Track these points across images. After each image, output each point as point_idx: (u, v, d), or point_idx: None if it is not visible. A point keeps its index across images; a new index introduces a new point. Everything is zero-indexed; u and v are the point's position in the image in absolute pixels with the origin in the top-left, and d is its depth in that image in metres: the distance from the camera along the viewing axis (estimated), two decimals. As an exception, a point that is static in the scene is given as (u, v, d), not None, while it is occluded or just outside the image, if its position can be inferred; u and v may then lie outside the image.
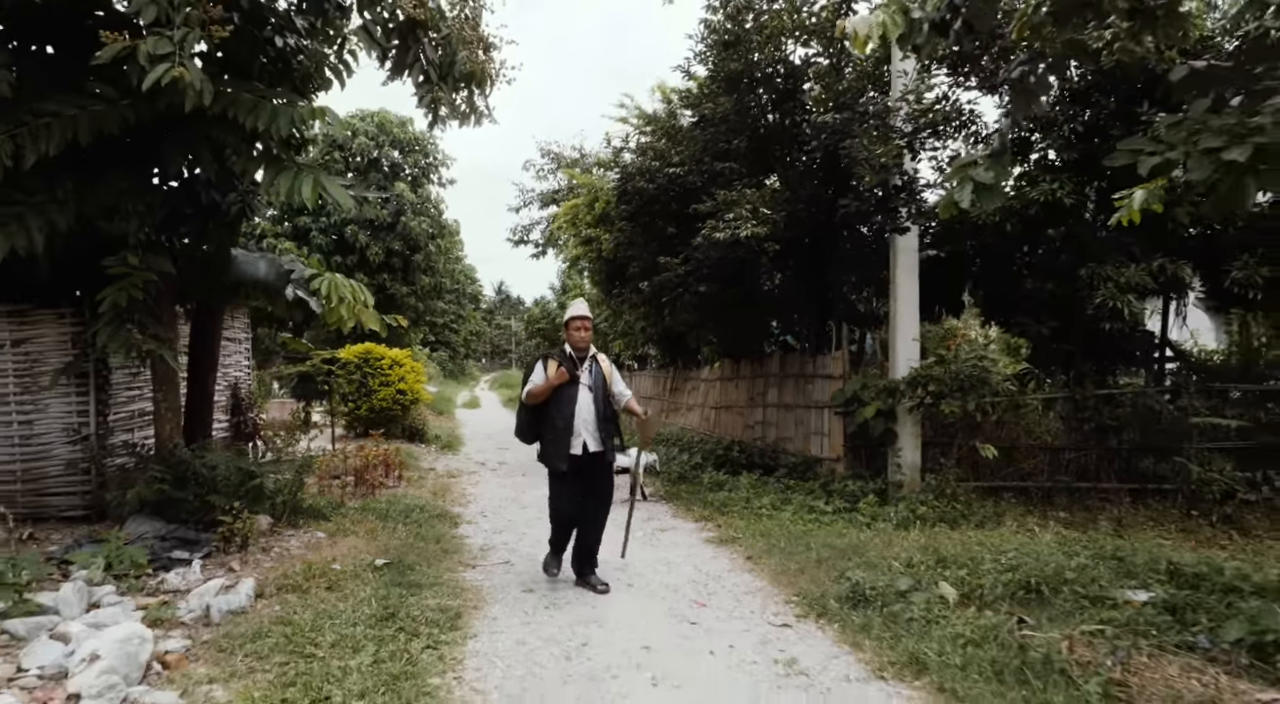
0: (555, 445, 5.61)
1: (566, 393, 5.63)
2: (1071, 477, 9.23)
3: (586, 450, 5.61)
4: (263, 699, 3.82)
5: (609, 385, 5.81)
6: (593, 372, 5.77)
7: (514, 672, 4.38)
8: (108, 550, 5.84)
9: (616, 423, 5.90)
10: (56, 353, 7.67)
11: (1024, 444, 9.42)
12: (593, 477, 5.73)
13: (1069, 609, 4.80)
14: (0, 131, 5.62)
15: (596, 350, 5.94)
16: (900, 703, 3.94)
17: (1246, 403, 9.51)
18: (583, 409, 5.63)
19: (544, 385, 5.62)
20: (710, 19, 9.57)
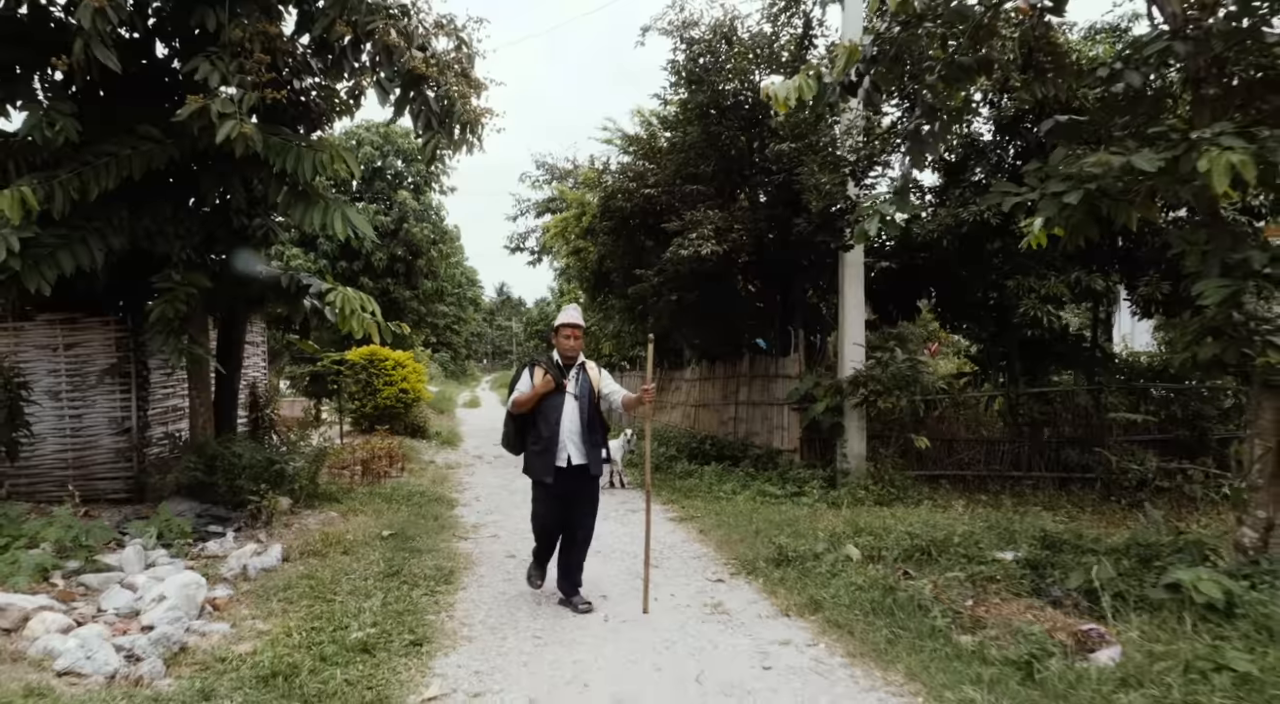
0: (540, 457, 5.39)
1: (553, 402, 5.40)
2: (1005, 466, 10.32)
3: (571, 463, 5.37)
4: (296, 629, 4.90)
5: (598, 392, 5.56)
6: (580, 381, 5.51)
7: (494, 612, 5.49)
8: (158, 522, 6.94)
9: (605, 434, 5.73)
10: (102, 355, 8.77)
11: (962, 437, 10.53)
12: (578, 490, 5.49)
13: (948, 565, 5.87)
14: (69, 171, 6.73)
15: (586, 357, 5.71)
16: (795, 631, 5.03)
17: (1165, 401, 10.59)
18: (568, 420, 5.39)
19: (529, 394, 5.41)
20: (676, 59, 10.71)
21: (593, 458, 5.49)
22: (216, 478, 8.00)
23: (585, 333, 6.15)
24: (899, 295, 12.57)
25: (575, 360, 5.58)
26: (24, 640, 4.69)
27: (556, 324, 5.63)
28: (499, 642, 4.92)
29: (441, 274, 32.04)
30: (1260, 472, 5.44)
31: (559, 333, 5.56)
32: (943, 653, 4.44)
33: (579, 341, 5.59)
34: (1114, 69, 5.64)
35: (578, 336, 5.56)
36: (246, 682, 4.11)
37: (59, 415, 8.68)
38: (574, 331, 5.53)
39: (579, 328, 5.58)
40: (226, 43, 6.66)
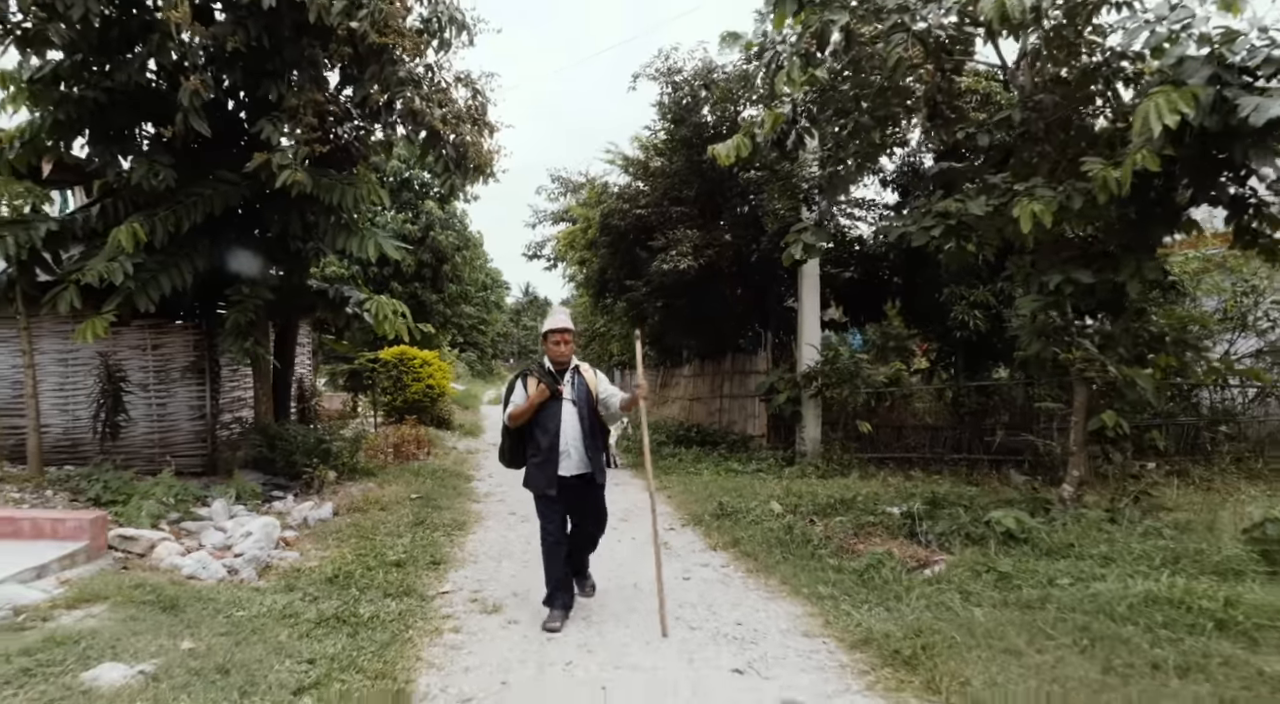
0: (542, 468, 5.16)
1: (549, 410, 5.17)
2: (947, 450, 11.90)
3: (574, 472, 5.16)
4: (347, 554, 6.68)
5: (595, 395, 5.32)
6: (575, 385, 5.27)
7: (494, 548, 7.26)
8: (235, 485, 8.78)
9: (606, 439, 5.53)
10: (182, 355, 10.67)
11: (910, 424, 12.14)
12: (583, 498, 5.29)
13: (848, 516, 7.55)
14: (166, 209, 8.59)
15: (579, 361, 5.46)
16: (715, 558, 6.76)
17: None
18: (568, 426, 5.16)
19: (525, 405, 5.18)
20: (663, 102, 12.44)
21: (595, 465, 5.25)
22: (276, 454, 9.86)
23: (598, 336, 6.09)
24: (865, 300, 14.21)
25: (568, 365, 5.32)
26: (154, 560, 6.52)
27: (544, 330, 5.36)
28: (495, 565, 6.69)
29: (465, 278, 33.94)
30: (1075, 441, 7.08)
31: (548, 339, 5.31)
32: (812, 567, 6.14)
33: (570, 346, 5.34)
34: (968, 132, 7.29)
35: (568, 341, 5.31)
36: (315, 581, 5.91)
37: (148, 404, 10.58)
38: (563, 336, 5.27)
39: (568, 332, 5.32)
40: (285, 108, 8.51)
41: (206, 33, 7.65)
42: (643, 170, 14.45)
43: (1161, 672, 4.10)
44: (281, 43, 8.34)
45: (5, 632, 4.55)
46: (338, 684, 4.05)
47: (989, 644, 4.45)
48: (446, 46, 9.36)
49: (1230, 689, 3.90)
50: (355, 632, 4.83)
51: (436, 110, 9.01)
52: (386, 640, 4.71)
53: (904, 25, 6.37)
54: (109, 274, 8.12)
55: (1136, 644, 4.37)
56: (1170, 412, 12.01)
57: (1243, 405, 12.22)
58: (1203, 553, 5.60)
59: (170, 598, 5.22)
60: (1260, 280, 11.75)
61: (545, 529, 5.29)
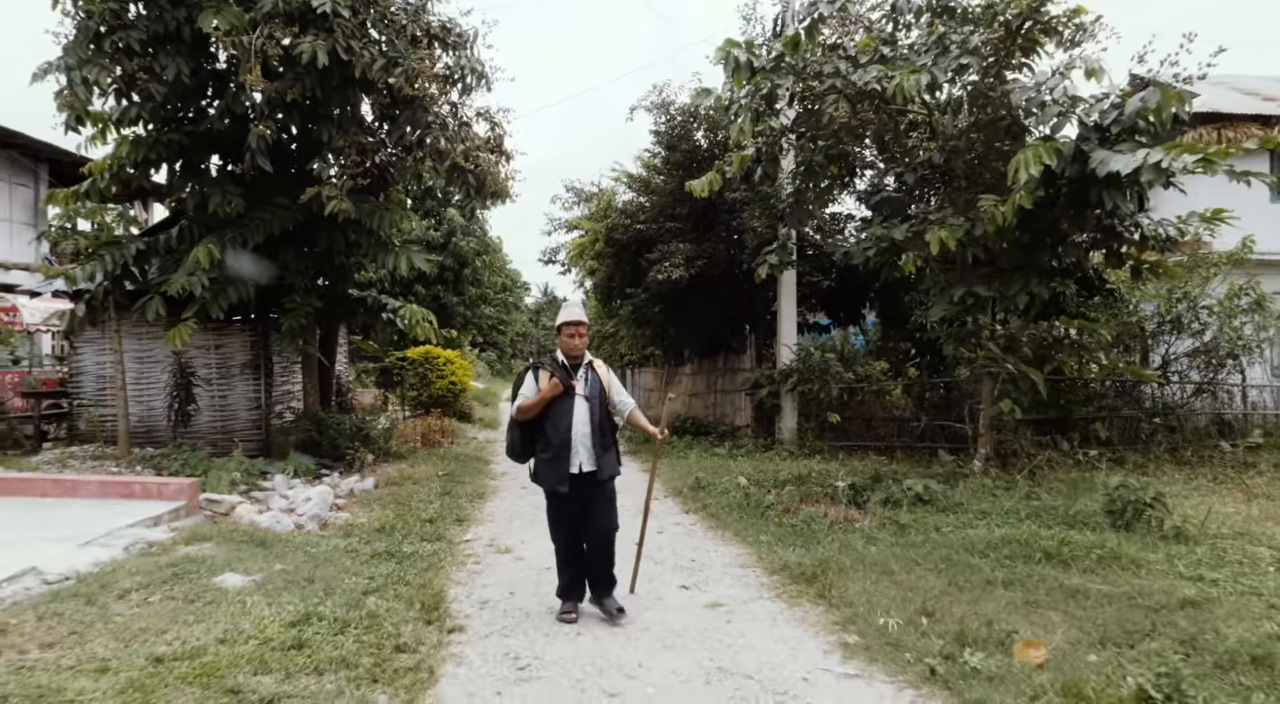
0: (552, 464, 5.09)
1: (561, 406, 5.09)
2: (912, 439, 13.35)
3: (583, 469, 5.09)
4: (390, 514, 8.28)
5: (608, 395, 5.27)
6: (589, 381, 5.19)
7: (507, 511, 8.86)
8: (291, 463, 10.44)
9: (615, 435, 5.40)
10: (241, 353, 12.36)
11: (880, 416, 13.62)
12: (593, 494, 5.18)
13: (801, 488, 9.07)
14: (233, 231, 10.25)
15: (593, 356, 5.37)
16: (686, 518, 8.32)
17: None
18: (579, 422, 5.09)
19: (536, 399, 5.10)
20: (658, 130, 14.02)
21: (605, 462, 5.16)
22: (323, 438, 11.51)
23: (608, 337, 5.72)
24: (845, 304, 15.72)
25: (581, 359, 5.23)
26: (235, 518, 8.15)
27: (559, 323, 5.25)
28: (507, 523, 8.29)
29: (485, 281, 35.64)
30: (982, 425, 8.57)
31: (561, 332, 5.21)
32: (759, 524, 7.69)
33: (584, 339, 5.26)
34: (896, 171, 8.80)
35: (582, 334, 5.22)
36: (366, 531, 7.52)
37: (211, 395, 12.28)
38: (577, 329, 5.18)
39: (582, 325, 5.24)
40: (333, 147, 10.15)
41: (271, 87, 9.28)
42: (644, 187, 16.01)
43: (991, 585, 5.62)
44: (330, 93, 9.97)
45: (147, 557, 6.19)
46: (391, 591, 5.64)
47: (872, 569, 5.99)
48: (468, 91, 10.98)
49: (1035, 595, 5.42)
50: (400, 562, 6.43)
51: (459, 146, 10.60)
52: (424, 567, 6.31)
53: (836, 88, 7.89)
54: (189, 286, 9.80)
55: (980, 568, 5.90)
56: (1114, 405, 13.43)
57: (1181, 400, 13.61)
58: (1060, 510, 7.10)
59: (259, 538, 6.87)
60: (1193, 288, 13.13)
61: (554, 527, 5.31)
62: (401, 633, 4.77)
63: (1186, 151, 6.41)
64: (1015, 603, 5.31)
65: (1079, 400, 13.34)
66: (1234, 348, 13.04)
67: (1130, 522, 6.98)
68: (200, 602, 5.12)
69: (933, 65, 7.34)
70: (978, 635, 4.69)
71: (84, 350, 12.52)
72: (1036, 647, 4.51)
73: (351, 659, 4.29)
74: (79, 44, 9.22)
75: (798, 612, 5.43)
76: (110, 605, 5.01)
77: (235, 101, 9.70)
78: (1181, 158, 6.35)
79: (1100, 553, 6.08)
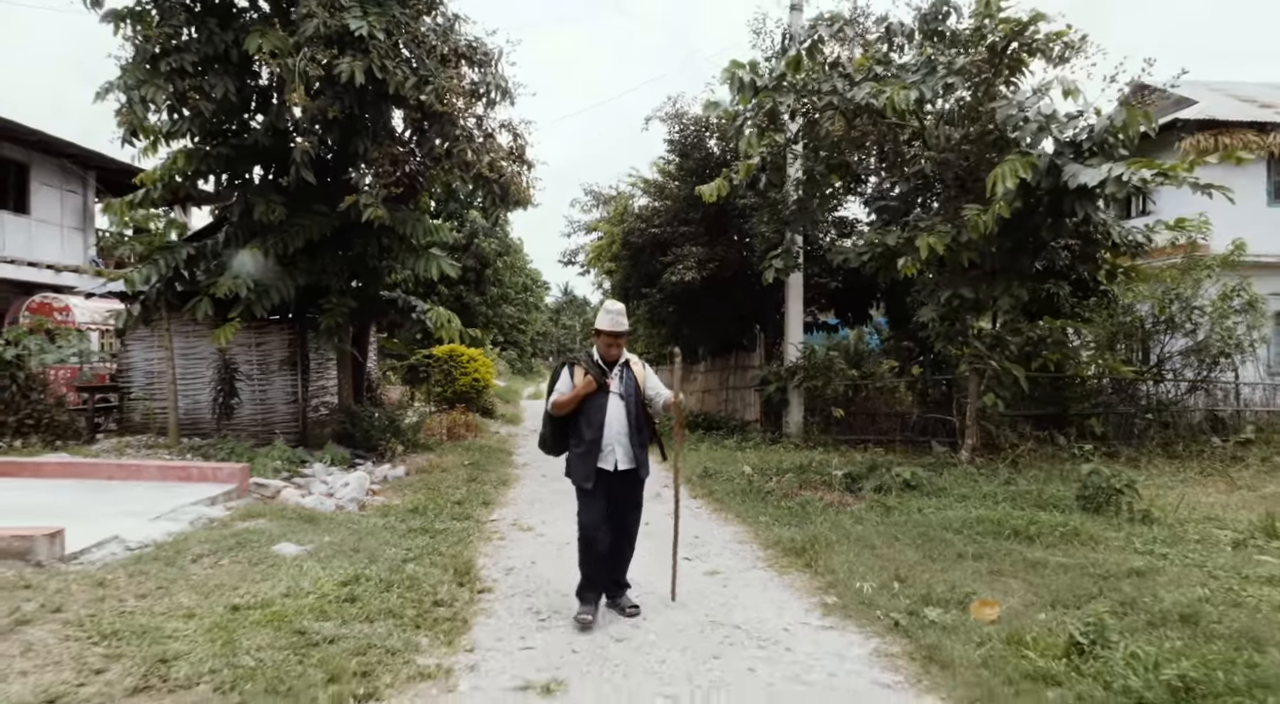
0: (583, 460, 5.11)
1: (595, 402, 5.10)
2: (914, 433, 13.97)
3: (618, 468, 5.10)
4: (422, 497, 9.03)
5: (643, 391, 5.27)
6: (624, 379, 5.19)
7: (528, 496, 9.60)
8: (328, 452, 11.24)
9: (652, 432, 5.44)
10: (279, 350, 13.18)
11: (883, 411, 14.24)
12: (625, 494, 5.25)
13: (801, 476, 9.73)
14: (275, 237, 11.04)
15: (629, 354, 5.35)
16: (694, 502, 9.01)
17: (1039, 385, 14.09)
18: (613, 420, 5.09)
19: (570, 395, 5.11)
20: (672, 139, 14.73)
21: (640, 460, 5.19)
22: (356, 429, 12.30)
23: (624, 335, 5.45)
24: (853, 304, 16.36)
25: (618, 359, 5.24)
26: (281, 500, 8.94)
27: (598, 328, 5.21)
28: (529, 506, 9.03)
29: (506, 281, 36.49)
30: (969, 418, 9.19)
31: (601, 337, 5.20)
32: (758, 506, 8.38)
33: (621, 350, 5.26)
34: (893, 181, 9.44)
35: (620, 345, 5.24)
36: (401, 512, 8.27)
37: (252, 389, 13.11)
38: (616, 340, 5.19)
39: (623, 336, 5.24)
40: (369, 159, 10.93)
41: (313, 105, 10.06)
42: (659, 192, 16.72)
43: (961, 558, 6.28)
44: (366, 109, 10.75)
45: (211, 529, 6.98)
46: (427, 559, 6.37)
47: (855, 544, 6.67)
48: (493, 104, 11.74)
49: (1000, 566, 6.07)
50: (434, 536, 7.18)
51: (485, 157, 11.35)
52: (455, 541, 7.06)
53: (833, 104, 8.55)
54: (235, 288, 10.61)
55: (953, 543, 6.56)
56: (1110, 402, 13.98)
57: (1175, 398, 14.14)
58: (1034, 494, 7.74)
59: (306, 516, 7.64)
60: (1186, 289, 13.67)
61: (582, 523, 5.25)
62: (438, 592, 5.51)
63: (1145, 166, 7.01)
64: (980, 572, 5.97)
65: (1076, 397, 13.91)
66: (1225, 347, 13.54)
67: (1100, 506, 7.60)
68: (263, 565, 5.89)
69: (921, 83, 7.98)
70: (941, 597, 5.36)
71: (133, 348, 13.40)
72: (991, 605, 5.17)
73: (397, 610, 5.04)
74: (137, 66, 10.04)
75: (786, 579, 6.13)
76: (187, 567, 5.79)
77: (278, 117, 10.50)
78: (1140, 172, 6.95)
79: (1064, 531, 6.73)
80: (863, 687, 4.23)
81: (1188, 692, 3.87)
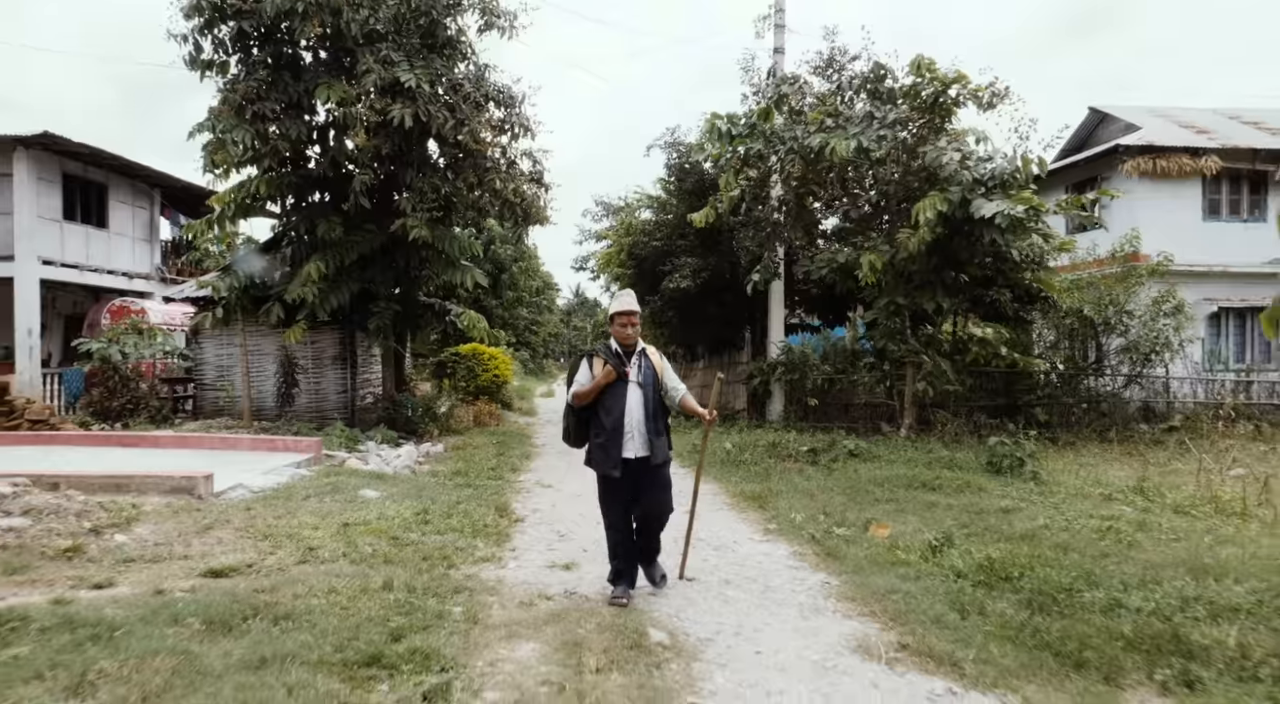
0: (605, 449, 5.22)
1: (615, 391, 5.22)
2: (881, 419, 15.98)
3: (637, 455, 5.21)
4: (461, 465, 11.12)
5: (661, 380, 5.38)
6: (642, 367, 5.31)
7: (547, 466, 11.69)
8: (379, 433, 13.36)
9: (668, 421, 5.54)
10: (331, 348, 15.33)
11: (856, 402, 16.25)
12: (648, 482, 5.34)
13: (773, 450, 11.77)
14: (333, 251, 13.17)
15: (645, 344, 5.46)
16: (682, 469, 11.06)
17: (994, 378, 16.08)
18: (633, 408, 5.21)
19: (591, 386, 5.23)
20: (671, 164, 16.84)
21: (658, 447, 5.29)
22: (398, 415, 14.43)
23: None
24: (833, 307, 18.38)
25: (634, 347, 5.34)
26: (348, 467, 11.04)
27: (611, 312, 5.43)
28: (549, 472, 11.12)
29: (521, 286, 38.65)
30: (907, 401, 11.22)
31: (614, 322, 5.34)
32: (734, 471, 10.43)
33: (636, 328, 5.36)
34: (845, 210, 11.48)
35: (634, 323, 5.33)
36: (445, 474, 10.37)
37: (308, 381, 15.26)
38: (629, 318, 5.30)
39: (634, 314, 5.35)
40: (413, 186, 13.05)
41: (370, 144, 12.19)
42: (661, 208, 18.82)
43: (877, 501, 8.32)
44: (412, 146, 12.88)
45: (307, 481, 9.09)
46: (474, 501, 8.45)
47: (799, 493, 8.73)
48: (516, 138, 13.85)
49: (904, 506, 8.11)
50: (476, 489, 9.27)
51: (510, 184, 13.46)
52: (492, 492, 9.15)
53: (794, 149, 10.60)
54: (303, 295, 12.74)
55: (873, 492, 8.61)
56: (1054, 394, 15.94)
57: (1113, 390, 16.10)
58: (947, 459, 9.77)
59: (375, 475, 9.77)
60: (1119, 295, 15.63)
61: (606, 512, 5.42)
62: (485, 520, 7.60)
63: (1021, 202, 9.04)
64: (888, 510, 8.01)
65: (1024, 390, 15.88)
66: (1154, 346, 15.50)
67: (1001, 469, 9.62)
68: (355, 502, 8.01)
69: (861, 134, 10.02)
70: (850, 523, 7.42)
71: (205, 346, 15.57)
72: (884, 527, 7.22)
73: (458, 528, 7.13)
74: (226, 113, 12.18)
75: (743, 515, 8.20)
76: (300, 502, 7.91)
77: (338, 151, 12.65)
78: (1017, 206, 8.99)
79: (960, 484, 8.77)
80: (780, 568, 6.29)
81: (990, 567, 5.89)
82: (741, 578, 6.14)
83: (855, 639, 4.70)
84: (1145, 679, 4.14)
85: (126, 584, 5.23)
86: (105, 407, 13.46)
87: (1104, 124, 20.46)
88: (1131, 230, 16.02)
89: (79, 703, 3.52)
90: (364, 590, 5.10)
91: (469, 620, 4.78)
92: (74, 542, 5.92)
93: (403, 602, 4.92)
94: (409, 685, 3.78)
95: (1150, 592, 5.20)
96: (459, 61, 13.28)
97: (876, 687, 4.08)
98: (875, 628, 4.90)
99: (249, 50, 12.65)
